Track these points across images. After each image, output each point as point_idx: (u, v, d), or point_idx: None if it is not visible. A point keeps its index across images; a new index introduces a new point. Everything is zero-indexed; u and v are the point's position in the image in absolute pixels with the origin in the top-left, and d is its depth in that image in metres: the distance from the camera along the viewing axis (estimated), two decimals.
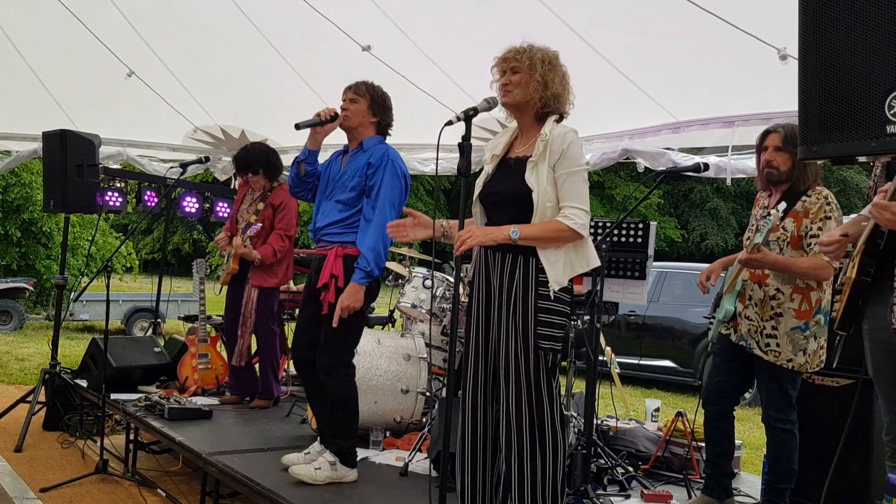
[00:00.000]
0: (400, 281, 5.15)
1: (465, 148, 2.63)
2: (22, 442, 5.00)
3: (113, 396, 4.83)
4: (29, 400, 5.42)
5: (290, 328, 5.39)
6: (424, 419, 4.37)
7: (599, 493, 3.60)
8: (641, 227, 4.08)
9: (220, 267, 5.30)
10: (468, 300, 2.95)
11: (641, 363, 9.73)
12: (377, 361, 4.33)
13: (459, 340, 3.52)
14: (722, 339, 3.50)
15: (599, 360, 3.97)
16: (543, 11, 4.36)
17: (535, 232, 2.68)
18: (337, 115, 3.57)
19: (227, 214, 6.90)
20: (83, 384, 5.38)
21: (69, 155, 5.24)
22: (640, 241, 4.06)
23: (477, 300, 2.88)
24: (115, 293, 12.69)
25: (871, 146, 1.94)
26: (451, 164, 5.63)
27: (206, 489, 3.90)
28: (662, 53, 4.53)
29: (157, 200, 6.79)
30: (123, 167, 7.26)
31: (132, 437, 4.67)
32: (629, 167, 5.31)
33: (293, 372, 5.77)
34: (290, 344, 4.97)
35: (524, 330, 2.70)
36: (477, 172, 3.02)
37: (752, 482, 4.12)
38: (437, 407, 3.96)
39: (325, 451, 3.51)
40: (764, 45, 3.81)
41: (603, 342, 4.35)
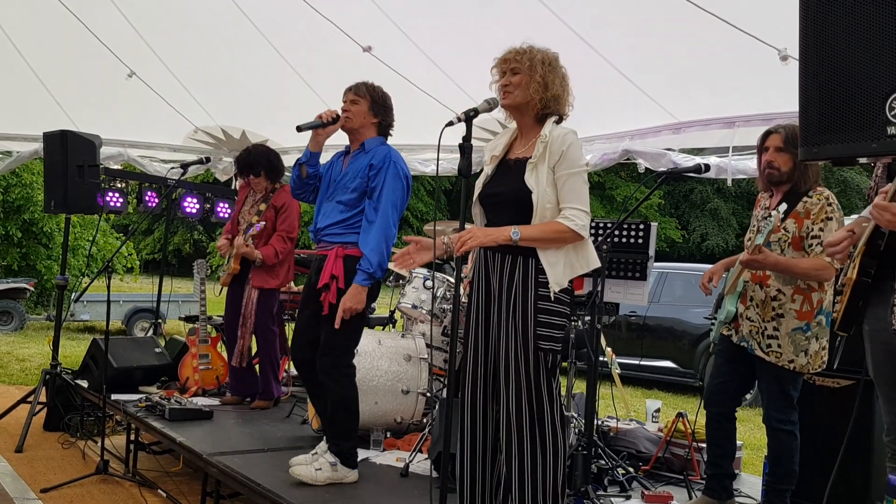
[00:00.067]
0: (400, 281, 5.15)
1: (465, 149, 2.64)
2: (23, 442, 5.00)
3: (114, 397, 4.83)
4: (30, 400, 5.42)
5: (290, 328, 5.39)
6: (425, 420, 4.36)
7: (600, 493, 3.60)
8: (642, 227, 4.08)
9: (220, 267, 5.29)
10: (468, 301, 2.96)
11: (642, 364, 9.73)
12: (378, 362, 4.32)
13: (460, 341, 3.52)
14: (723, 340, 3.50)
15: (600, 360, 3.97)
16: (544, 13, 4.36)
17: (535, 233, 2.68)
18: (338, 116, 3.57)
19: (227, 215, 6.90)
20: (84, 385, 5.38)
21: (70, 155, 5.25)
22: (640, 241, 4.06)
23: (477, 301, 2.88)
24: (115, 294, 12.70)
25: (871, 147, 1.94)
26: (451, 164, 5.63)
27: (206, 490, 3.90)
28: (663, 54, 4.53)
29: (157, 201, 6.79)
30: (124, 168, 7.26)
31: (133, 437, 4.67)
32: (630, 168, 5.31)
33: (294, 372, 5.77)
34: (290, 344, 4.98)
35: (524, 330, 2.70)
36: (477, 173, 3.02)
37: (752, 483, 4.12)
38: (437, 408, 3.96)
39: (327, 451, 3.51)
40: (764, 45, 3.81)
41: (603, 343, 4.34)
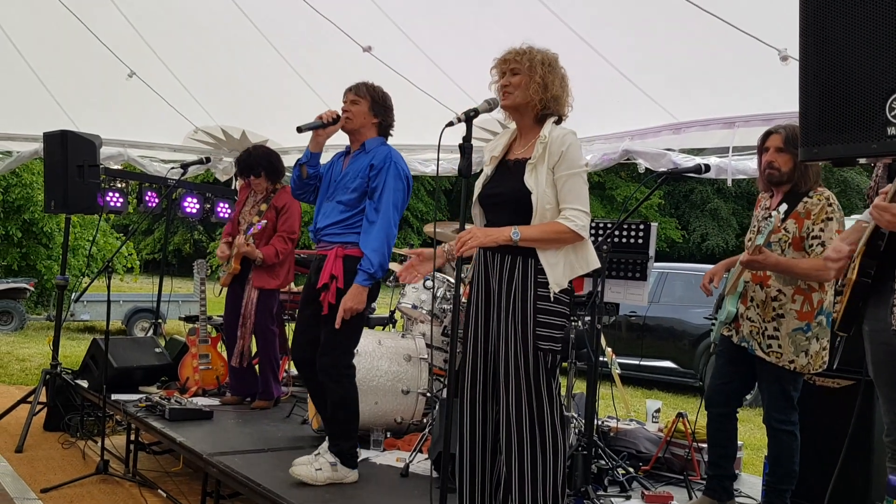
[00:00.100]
0: (401, 282, 5.14)
1: (465, 149, 2.64)
2: (23, 442, 5.00)
3: (114, 397, 4.83)
4: (30, 400, 5.42)
5: (290, 328, 5.39)
6: (425, 420, 4.36)
7: (600, 493, 3.60)
8: (642, 228, 4.08)
9: (220, 268, 5.29)
10: (467, 301, 2.95)
11: (642, 364, 9.72)
12: (378, 362, 4.32)
13: (460, 341, 3.52)
14: (724, 340, 3.50)
15: (600, 360, 3.97)
16: (545, 13, 4.36)
17: (535, 233, 2.68)
18: (339, 117, 3.57)
19: (227, 215, 6.89)
20: (84, 385, 5.38)
21: (70, 155, 5.25)
22: (640, 242, 4.06)
23: (476, 301, 2.88)
24: (115, 293, 12.70)
25: (871, 148, 1.94)
26: (451, 164, 5.63)
27: (206, 490, 3.90)
28: (663, 55, 4.53)
29: (157, 201, 6.79)
30: (124, 168, 7.26)
31: (133, 437, 4.67)
32: (630, 168, 5.31)
33: (294, 372, 5.77)
34: (290, 344, 4.98)
35: (523, 331, 2.70)
36: (477, 173, 3.02)
37: (752, 483, 4.12)
38: (437, 408, 3.96)
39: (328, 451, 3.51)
40: (765, 46, 3.81)
41: (604, 343, 4.34)
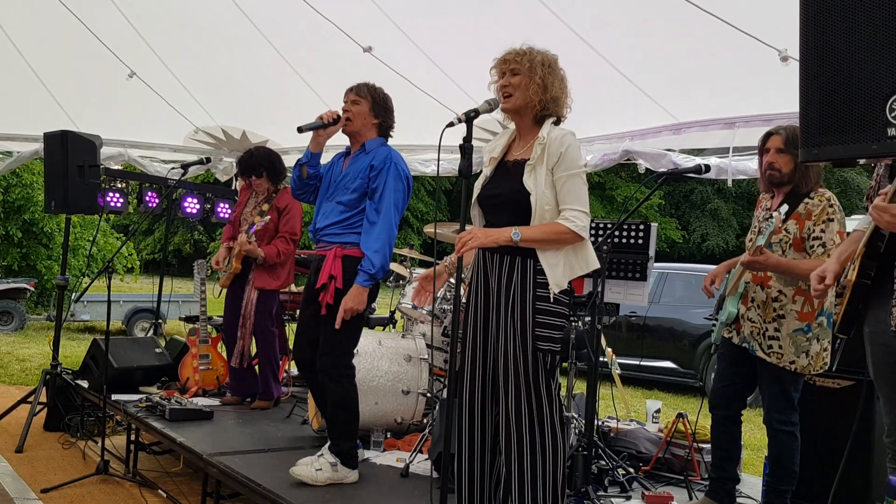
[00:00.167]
0: (401, 282, 5.15)
1: (466, 149, 2.64)
2: (23, 442, 5.00)
3: (114, 397, 4.83)
4: (30, 400, 5.42)
5: (290, 329, 5.39)
6: (425, 420, 4.36)
7: (600, 494, 3.60)
8: (642, 228, 4.08)
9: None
10: (466, 302, 2.95)
11: (642, 364, 9.72)
12: (378, 362, 4.32)
13: (461, 342, 3.52)
14: (725, 343, 3.49)
15: (600, 361, 3.97)
16: (545, 13, 4.36)
17: (536, 234, 2.68)
18: (339, 117, 3.57)
19: (227, 215, 6.89)
20: (84, 385, 5.38)
21: (70, 156, 5.25)
22: (641, 242, 4.06)
23: (475, 302, 2.88)
24: (115, 294, 12.70)
25: (872, 149, 1.94)
26: (452, 165, 5.63)
27: (206, 490, 3.90)
28: (663, 55, 4.53)
29: (158, 201, 6.79)
30: (124, 168, 7.27)
31: (133, 437, 4.67)
32: (630, 168, 5.31)
33: (294, 372, 5.78)
34: (290, 345, 4.97)
35: (522, 331, 2.70)
36: (478, 174, 3.02)
37: (752, 483, 4.12)
38: (437, 408, 3.95)
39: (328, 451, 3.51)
40: (765, 46, 3.80)
41: (604, 343, 4.34)
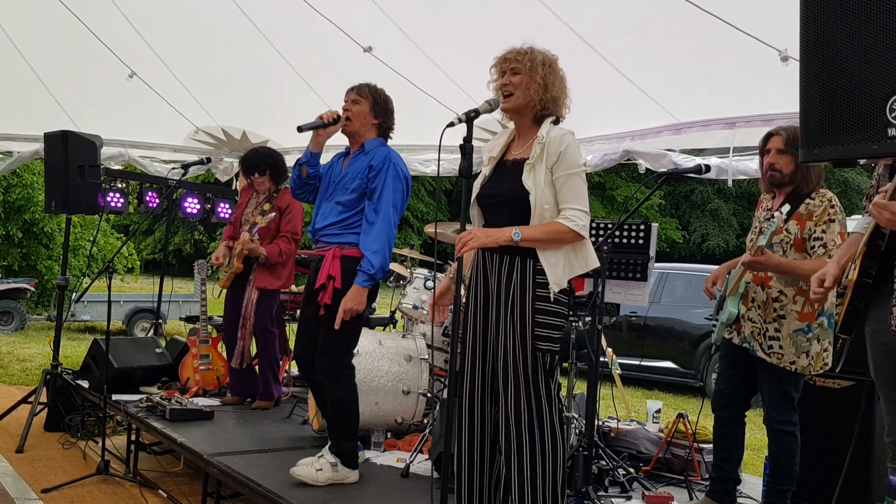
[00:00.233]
0: (401, 282, 5.14)
1: (466, 149, 2.64)
2: (23, 443, 5.00)
3: (114, 397, 4.83)
4: (30, 401, 5.42)
5: (290, 329, 5.39)
6: (426, 420, 4.36)
7: (600, 494, 3.60)
8: (643, 228, 4.08)
9: (220, 269, 5.28)
10: (465, 301, 2.95)
11: (643, 364, 9.72)
12: (378, 362, 4.32)
13: (461, 341, 3.52)
14: (725, 344, 3.49)
15: (601, 361, 3.97)
16: (545, 13, 4.36)
17: (536, 233, 2.68)
18: (339, 117, 3.57)
19: (228, 215, 6.89)
20: (84, 385, 5.38)
21: (71, 156, 5.26)
22: (641, 242, 4.06)
23: (475, 302, 2.88)
24: (116, 294, 12.69)
25: (872, 149, 1.94)
26: (452, 164, 5.63)
27: (207, 490, 3.90)
28: (664, 55, 4.53)
29: (158, 201, 6.79)
30: (125, 168, 7.27)
31: (133, 437, 4.67)
32: (630, 168, 5.31)
33: (294, 373, 5.77)
34: (290, 345, 4.97)
35: (522, 331, 2.70)
36: (478, 174, 3.03)
37: (753, 483, 4.12)
38: (438, 408, 3.95)
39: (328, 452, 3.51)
40: (765, 46, 3.80)
41: (604, 343, 4.34)
